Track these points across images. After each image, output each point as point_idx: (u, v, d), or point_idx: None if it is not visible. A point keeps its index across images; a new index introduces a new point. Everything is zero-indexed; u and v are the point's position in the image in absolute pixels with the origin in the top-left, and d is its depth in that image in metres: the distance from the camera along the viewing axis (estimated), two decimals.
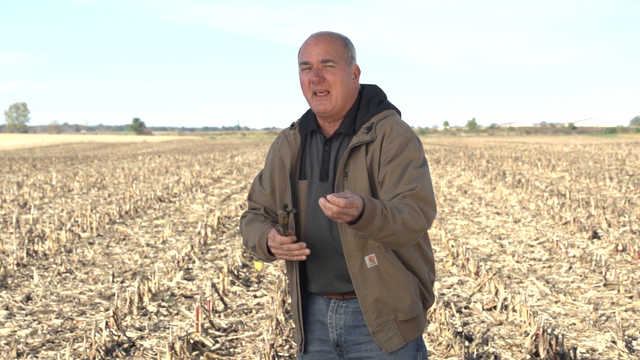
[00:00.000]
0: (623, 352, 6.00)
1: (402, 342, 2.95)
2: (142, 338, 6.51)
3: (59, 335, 6.62)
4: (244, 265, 9.34)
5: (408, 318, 2.95)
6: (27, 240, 10.66)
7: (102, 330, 6.24)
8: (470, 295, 7.88)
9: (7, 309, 7.51)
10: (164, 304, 7.64)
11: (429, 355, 5.94)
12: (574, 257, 9.74)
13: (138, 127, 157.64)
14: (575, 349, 5.74)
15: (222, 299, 7.64)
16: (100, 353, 5.93)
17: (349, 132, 2.98)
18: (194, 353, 6.00)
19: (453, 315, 7.08)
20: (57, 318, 7.17)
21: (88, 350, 5.92)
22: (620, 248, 10.04)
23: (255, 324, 6.96)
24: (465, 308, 7.42)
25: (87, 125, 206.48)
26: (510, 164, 29.45)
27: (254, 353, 6.09)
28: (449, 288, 8.25)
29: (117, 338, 6.29)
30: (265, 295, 8.00)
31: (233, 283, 8.46)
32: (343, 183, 2.93)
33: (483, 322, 6.95)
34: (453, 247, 10.10)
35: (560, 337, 5.95)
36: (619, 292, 7.98)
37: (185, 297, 7.98)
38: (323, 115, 3.01)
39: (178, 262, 9.53)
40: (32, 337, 6.59)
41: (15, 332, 6.74)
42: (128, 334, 6.53)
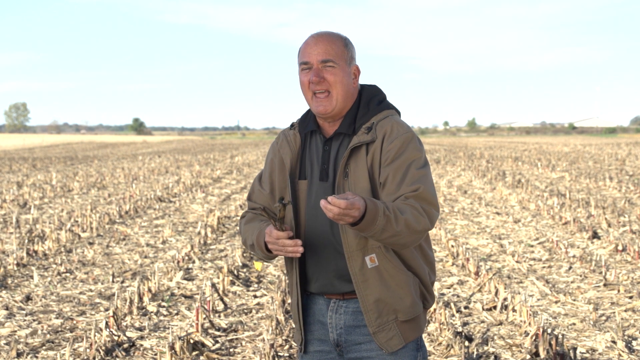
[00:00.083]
0: (623, 352, 6.00)
1: (402, 342, 2.95)
2: (142, 338, 6.51)
3: (59, 335, 6.62)
4: (244, 265, 9.34)
5: (408, 318, 2.95)
6: (27, 240, 10.66)
7: (102, 330, 6.24)
8: (470, 295, 7.88)
9: (7, 309, 7.51)
10: (164, 304, 7.64)
11: (429, 355, 5.94)
12: (574, 257, 9.74)
13: (138, 127, 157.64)
14: (575, 349, 5.74)
15: (222, 299, 7.64)
16: (100, 353, 5.93)
17: (349, 132, 2.98)
18: (194, 353, 6.00)
19: (453, 315, 7.08)
20: (57, 318, 7.17)
21: (88, 350, 5.92)
22: (620, 248, 10.04)
23: (255, 324, 6.96)
24: (465, 308, 7.42)
25: (87, 125, 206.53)
26: (510, 164, 29.46)
27: (254, 353, 6.09)
28: (449, 288, 8.25)
29: (117, 338, 6.29)
30: (265, 295, 8.00)
31: (233, 283, 8.46)
32: (343, 183, 2.92)
33: (483, 322, 6.95)
34: (453, 247, 10.10)
35: (560, 337, 5.95)
36: (619, 292, 7.99)
37: (185, 297, 7.98)
38: (323, 117, 3.01)
39: (178, 262, 9.53)
40: (32, 337, 6.59)
41: (15, 332, 6.74)
42: (128, 334, 6.53)
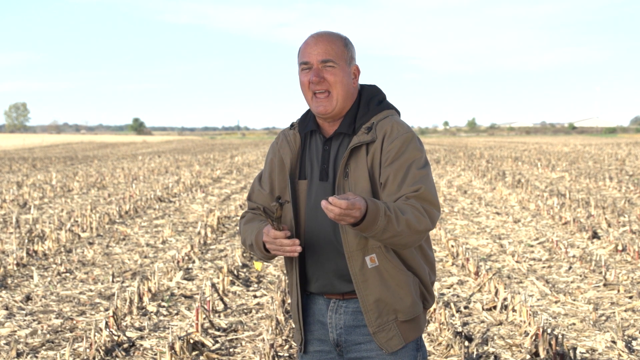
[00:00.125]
0: (623, 352, 6.00)
1: (402, 342, 2.95)
2: (142, 338, 6.51)
3: (59, 335, 6.62)
4: (244, 265, 9.34)
5: (408, 318, 2.95)
6: (27, 240, 10.66)
7: (102, 330, 6.24)
8: (470, 295, 7.88)
9: (7, 309, 7.51)
10: (164, 304, 7.64)
11: (429, 355, 5.94)
12: (574, 257, 9.74)
13: (138, 127, 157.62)
14: (575, 349, 5.74)
15: (222, 299, 7.64)
16: (100, 353, 5.93)
17: (349, 131, 2.98)
18: (194, 353, 6.00)
19: (453, 315, 7.08)
20: (57, 318, 7.17)
21: (88, 350, 5.92)
22: (620, 248, 10.04)
23: (255, 324, 6.96)
24: (465, 308, 7.42)
25: (87, 125, 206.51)
26: (510, 164, 29.46)
27: (254, 353, 6.09)
28: (449, 288, 8.25)
29: (117, 338, 6.29)
30: (265, 295, 8.00)
31: (233, 283, 8.46)
32: (344, 183, 2.92)
33: (483, 322, 6.96)
34: (453, 247, 10.10)
35: (560, 337, 5.95)
36: (619, 292, 7.99)
37: (185, 297, 7.98)
38: (323, 117, 3.01)
39: (178, 262, 9.53)
40: (32, 337, 6.59)
41: (15, 332, 6.74)
42: (128, 334, 6.53)
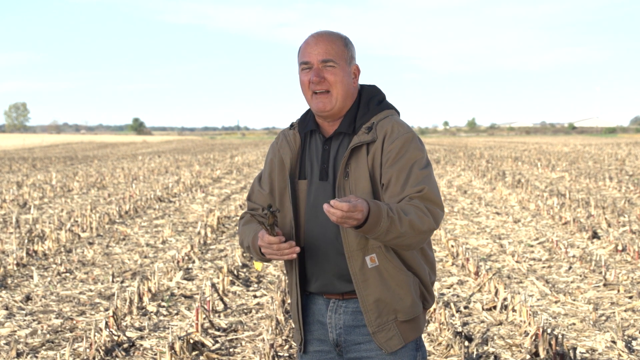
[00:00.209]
0: (623, 352, 6.00)
1: (402, 342, 2.95)
2: (142, 338, 6.51)
3: (59, 335, 6.62)
4: (244, 265, 9.34)
5: (408, 318, 2.95)
6: (26, 240, 10.66)
7: (101, 330, 6.24)
8: (470, 295, 7.88)
9: (6, 309, 7.50)
10: (164, 304, 7.64)
11: (429, 355, 5.94)
12: (574, 257, 9.74)
13: (138, 127, 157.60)
14: (575, 349, 5.74)
15: (221, 299, 7.64)
16: (100, 353, 5.93)
17: (349, 131, 2.98)
18: (194, 353, 6.00)
19: (453, 315, 7.08)
20: (56, 318, 7.17)
21: (88, 350, 5.92)
22: (620, 248, 10.04)
23: (255, 324, 6.96)
24: (465, 308, 7.42)
25: (86, 125, 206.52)
26: (510, 164, 29.46)
27: (254, 353, 6.09)
28: (449, 288, 8.25)
29: (116, 338, 6.29)
30: (265, 295, 8.00)
31: (233, 283, 8.46)
32: (344, 183, 2.92)
33: (483, 322, 6.95)
34: (453, 247, 10.10)
35: (560, 337, 5.95)
36: (619, 292, 7.99)
37: (185, 297, 7.98)
38: (322, 115, 3.00)
39: (178, 262, 9.53)
40: (31, 337, 6.59)
41: (15, 332, 6.74)
42: (128, 334, 6.53)
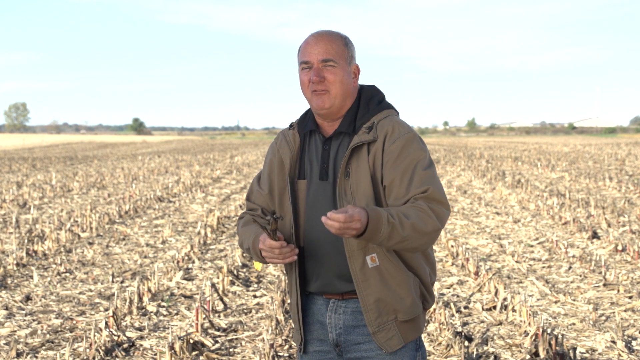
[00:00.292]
0: (623, 352, 6.00)
1: (401, 342, 2.95)
2: (141, 338, 6.51)
3: (59, 335, 6.62)
4: (244, 265, 9.34)
5: (408, 318, 2.95)
6: (26, 240, 10.66)
7: (101, 330, 6.24)
8: (470, 295, 7.88)
9: (6, 309, 7.50)
10: (164, 304, 7.64)
11: (429, 355, 5.94)
12: (574, 257, 9.74)
13: (138, 127, 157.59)
14: (575, 349, 5.74)
15: (221, 299, 7.64)
16: (100, 353, 5.93)
17: (349, 131, 2.97)
18: (194, 353, 6.00)
19: (453, 315, 7.08)
20: (56, 318, 7.17)
21: (88, 350, 5.92)
22: (620, 248, 10.04)
23: (255, 324, 6.96)
24: (465, 308, 7.42)
25: (86, 125, 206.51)
26: (510, 164, 29.45)
27: (254, 353, 6.09)
28: (449, 288, 8.25)
29: (116, 338, 6.28)
30: (265, 295, 8.00)
31: (233, 283, 8.46)
32: (345, 183, 2.92)
33: (483, 322, 6.95)
34: (453, 247, 10.10)
35: (560, 337, 5.95)
36: (619, 292, 7.99)
37: (185, 297, 7.98)
38: (322, 113, 2.99)
39: (178, 262, 9.53)
40: (31, 337, 6.59)
41: (15, 332, 6.73)
42: (128, 334, 6.53)
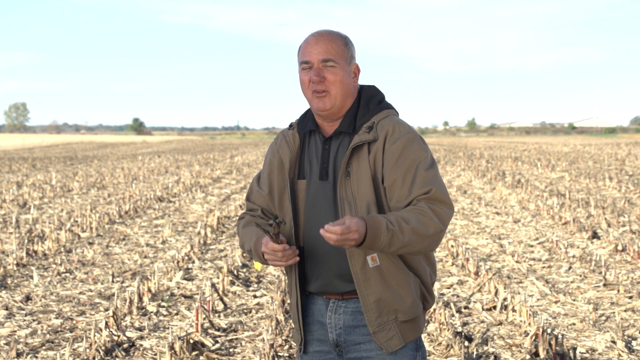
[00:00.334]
0: (623, 352, 6.00)
1: (402, 342, 2.95)
2: (141, 338, 6.51)
3: (59, 335, 6.62)
4: (244, 265, 9.34)
5: (408, 318, 2.95)
6: (26, 240, 10.66)
7: (101, 330, 6.24)
8: (470, 295, 7.88)
9: (6, 309, 7.50)
10: (164, 304, 7.64)
11: (429, 355, 5.94)
12: (574, 257, 9.74)
13: (138, 127, 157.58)
14: (575, 349, 5.74)
15: (221, 299, 7.64)
16: (100, 353, 5.93)
17: (349, 130, 2.97)
18: (194, 353, 6.00)
19: (453, 315, 7.08)
20: (56, 318, 7.17)
21: (88, 350, 5.92)
22: (620, 248, 10.04)
23: (255, 324, 6.96)
24: (465, 308, 7.42)
25: (86, 125, 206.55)
26: (510, 164, 29.45)
27: (254, 353, 6.09)
28: (449, 288, 8.25)
29: (116, 338, 6.28)
30: (265, 295, 8.00)
31: (233, 283, 8.46)
32: (345, 183, 2.92)
33: (483, 322, 6.95)
34: (453, 247, 10.10)
35: (560, 337, 5.94)
36: (619, 292, 7.98)
37: (185, 297, 7.98)
38: (322, 114, 3.00)
39: (178, 262, 9.53)
40: (31, 337, 6.59)
41: (15, 332, 6.73)
42: (128, 334, 6.53)
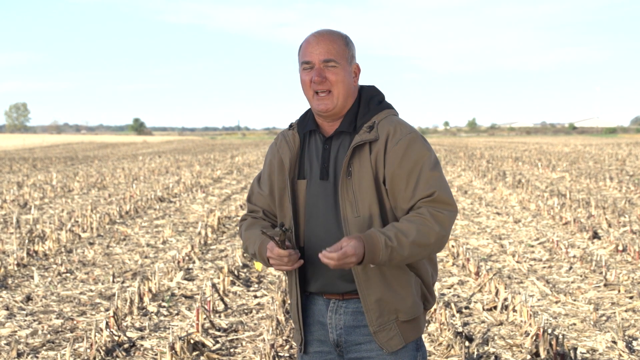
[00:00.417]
0: (623, 352, 5.99)
1: (402, 342, 2.95)
2: (142, 338, 6.51)
3: (59, 336, 6.62)
4: (244, 266, 9.34)
5: (409, 318, 2.95)
6: (27, 241, 10.66)
7: (102, 331, 6.24)
8: (471, 296, 7.88)
9: (7, 309, 7.50)
10: (164, 304, 7.64)
11: (429, 355, 5.94)
12: (574, 257, 9.74)
13: (138, 127, 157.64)
14: (576, 349, 5.73)
15: (222, 299, 7.64)
16: (101, 353, 5.93)
17: (350, 130, 2.97)
18: (194, 353, 6.00)
19: (453, 316, 7.08)
20: (57, 318, 7.17)
21: (88, 351, 5.92)
22: (621, 248, 10.03)
23: (256, 324, 6.96)
24: (466, 308, 7.41)
25: (87, 126, 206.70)
26: (511, 164, 29.45)
27: (254, 353, 6.09)
28: (449, 288, 8.25)
29: (117, 338, 6.28)
30: (266, 296, 8.00)
31: (233, 283, 8.46)
32: (346, 182, 2.91)
33: (483, 322, 6.95)
34: (453, 247, 10.10)
35: (561, 337, 5.94)
36: (619, 292, 7.98)
37: (186, 297, 7.98)
38: (324, 115, 2.99)
39: (178, 262, 9.53)
40: (32, 337, 6.59)
41: (16, 332, 6.74)
42: (128, 334, 6.53)
